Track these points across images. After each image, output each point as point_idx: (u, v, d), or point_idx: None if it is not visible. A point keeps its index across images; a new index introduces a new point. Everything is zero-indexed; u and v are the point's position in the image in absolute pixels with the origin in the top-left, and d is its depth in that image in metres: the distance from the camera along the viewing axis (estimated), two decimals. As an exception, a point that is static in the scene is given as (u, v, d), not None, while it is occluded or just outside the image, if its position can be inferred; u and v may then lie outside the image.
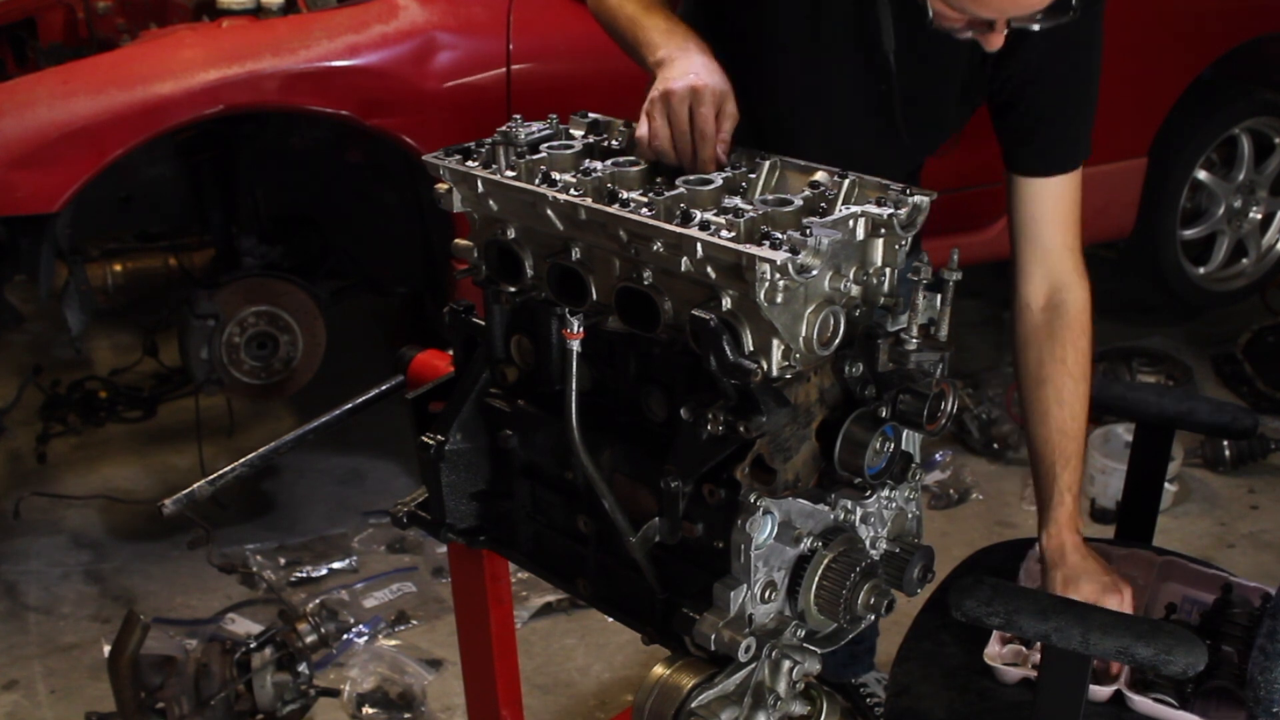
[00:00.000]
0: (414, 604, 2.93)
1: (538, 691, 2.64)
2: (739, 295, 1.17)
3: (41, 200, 2.64)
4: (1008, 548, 2.05)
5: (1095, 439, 3.29)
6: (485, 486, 1.50)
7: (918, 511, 1.36)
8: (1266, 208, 4.14)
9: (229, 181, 3.17)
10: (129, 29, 3.62)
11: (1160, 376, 3.76)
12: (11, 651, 2.78)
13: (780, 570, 1.22)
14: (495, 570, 1.71)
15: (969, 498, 3.32)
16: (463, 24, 2.89)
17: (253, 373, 3.11)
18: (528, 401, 1.41)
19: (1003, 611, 1.46)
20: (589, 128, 1.48)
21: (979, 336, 4.10)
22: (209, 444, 3.32)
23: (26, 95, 2.68)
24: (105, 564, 3.08)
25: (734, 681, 1.24)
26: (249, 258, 3.15)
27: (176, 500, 1.66)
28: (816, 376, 1.23)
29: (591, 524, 1.36)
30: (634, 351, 1.31)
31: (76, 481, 3.42)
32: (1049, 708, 1.50)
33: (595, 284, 1.31)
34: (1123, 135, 3.72)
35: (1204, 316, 4.21)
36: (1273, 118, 4.01)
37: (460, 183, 1.39)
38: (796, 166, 1.36)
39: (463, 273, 1.46)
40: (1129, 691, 1.68)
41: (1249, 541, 3.15)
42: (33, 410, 3.57)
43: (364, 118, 2.83)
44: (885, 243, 1.24)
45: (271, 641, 2.38)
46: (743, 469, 1.17)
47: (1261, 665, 1.41)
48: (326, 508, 3.31)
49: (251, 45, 2.78)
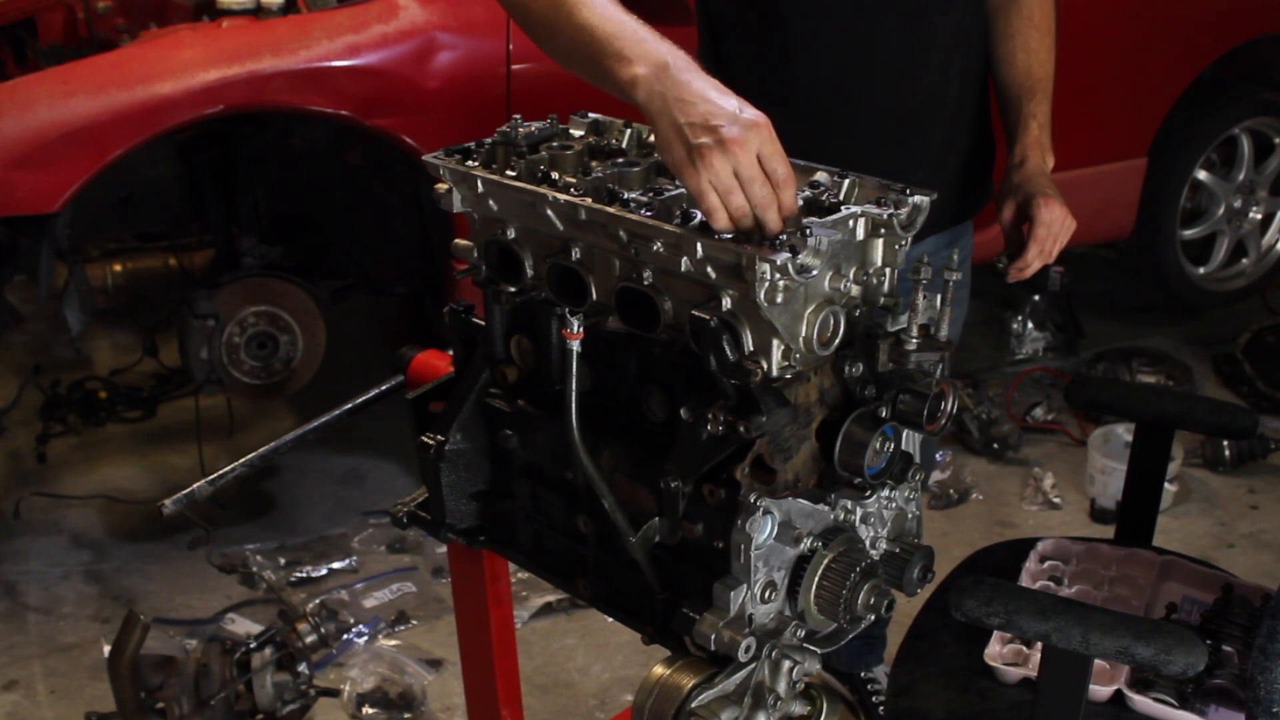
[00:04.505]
0: (414, 604, 2.93)
1: (538, 691, 2.64)
2: (739, 295, 1.17)
3: (41, 200, 2.64)
4: (1008, 548, 2.06)
5: (1095, 439, 3.29)
6: (485, 486, 1.50)
7: (918, 511, 1.36)
8: (1266, 208, 4.14)
9: (229, 181, 3.16)
10: (129, 29, 3.62)
11: (1160, 376, 3.77)
12: (11, 651, 2.78)
13: (780, 570, 1.22)
14: (495, 570, 1.71)
15: (969, 498, 3.32)
16: (463, 24, 2.89)
17: (253, 373, 3.11)
18: (528, 401, 1.41)
19: (1003, 611, 1.46)
20: (589, 128, 1.48)
21: (979, 336, 4.10)
22: (209, 444, 3.32)
23: (26, 95, 2.68)
24: (105, 564, 3.08)
25: (734, 681, 1.24)
26: (249, 258, 3.15)
27: (176, 500, 1.66)
28: (816, 376, 1.23)
29: (591, 524, 1.36)
30: (634, 351, 1.31)
31: (76, 481, 3.42)
32: (1049, 708, 1.50)
33: (595, 284, 1.31)
34: (1123, 135, 3.72)
35: (1204, 316, 4.21)
36: (1273, 118, 4.01)
37: (460, 183, 1.39)
38: (797, 166, 1.36)
39: (463, 273, 1.46)
40: (1129, 691, 1.68)
41: (1249, 541, 3.15)
42: (33, 410, 3.57)
43: (364, 118, 2.83)
44: (885, 243, 1.24)
45: (271, 641, 2.38)
46: (743, 469, 1.18)
47: (1261, 665, 1.41)
48: (326, 508, 3.31)
49: (251, 45, 2.79)
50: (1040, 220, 1.81)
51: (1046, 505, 3.30)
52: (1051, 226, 1.81)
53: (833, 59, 1.84)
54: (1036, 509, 3.29)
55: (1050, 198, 1.82)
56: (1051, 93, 1.93)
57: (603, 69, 1.25)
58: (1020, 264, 1.84)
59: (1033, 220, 1.82)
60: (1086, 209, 1.84)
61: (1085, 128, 3.51)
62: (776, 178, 1.17)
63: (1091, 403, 2.30)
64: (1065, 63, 3.26)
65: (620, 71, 1.22)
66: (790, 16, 1.81)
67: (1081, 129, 3.47)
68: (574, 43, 1.28)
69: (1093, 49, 3.44)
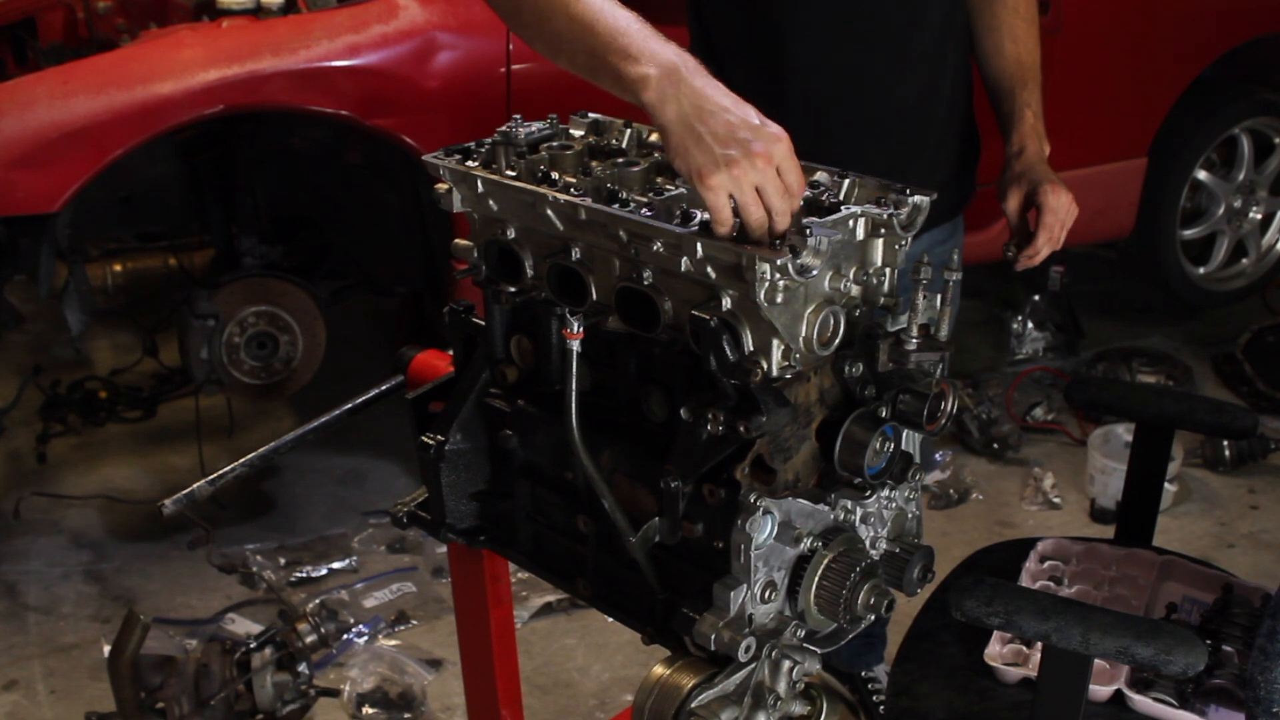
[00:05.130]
0: (414, 604, 2.93)
1: (538, 691, 2.64)
2: (739, 295, 1.17)
3: (41, 200, 2.64)
4: (1008, 548, 2.06)
5: (1095, 439, 3.29)
6: (485, 486, 1.50)
7: (918, 511, 1.36)
8: (1266, 208, 4.14)
9: (229, 181, 3.16)
10: (129, 29, 3.62)
11: (1160, 376, 3.77)
12: (11, 651, 2.78)
13: (780, 570, 1.22)
14: (495, 570, 1.71)
15: (969, 498, 3.32)
16: (463, 24, 2.89)
17: (253, 373, 3.12)
18: (528, 401, 1.41)
19: (1003, 611, 1.46)
20: (589, 128, 1.48)
21: (979, 336, 4.10)
22: (209, 444, 3.32)
23: (26, 95, 2.68)
24: (105, 564, 3.08)
25: (734, 681, 1.24)
26: (249, 258, 3.15)
27: (176, 500, 1.66)
28: (816, 376, 1.23)
29: (591, 524, 1.36)
30: (634, 351, 1.31)
31: (76, 481, 3.42)
32: (1049, 708, 1.50)
33: (595, 284, 1.31)
34: (1123, 135, 3.72)
35: (1204, 316, 4.21)
36: (1273, 118, 4.01)
37: (460, 183, 1.39)
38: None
39: (463, 273, 1.46)
40: (1129, 691, 1.68)
41: (1249, 541, 3.15)
42: (33, 410, 3.58)
43: (364, 118, 2.83)
44: (885, 243, 1.24)
45: (271, 641, 2.38)
46: (743, 469, 1.17)
47: (1261, 665, 1.41)
48: (326, 508, 3.31)
49: (251, 45, 2.79)
50: (1048, 207, 1.82)
51: (1046, 505, 3.30)
52: (1059, 213, 1.82)
53: (826, 59, 1.84)
54: (1036, 509, 3.29)
55: (1055, 184, 1.83)
56: (1041, 81, 1.94)
57: (605, 65, 1.22)
58: (1030, 251, 1.85)
59: (1040, 208, 1.82)
60: (1086, 209, 1.83)
61: (1085, 128, 3.51)
62: (792, 189, 1.17)
63: (1091, 403, 2.30)
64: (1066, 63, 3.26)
65: (627, 69, 1.20)
66: (783, 19, 1.82)
67: (1081, 129, 3.47)
68: (569, 34, 1.25)
69: (1093, 49, 3.44)
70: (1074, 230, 1.85)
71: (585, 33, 1.24)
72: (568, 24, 1.25)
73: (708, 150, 1.16)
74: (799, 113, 1.75)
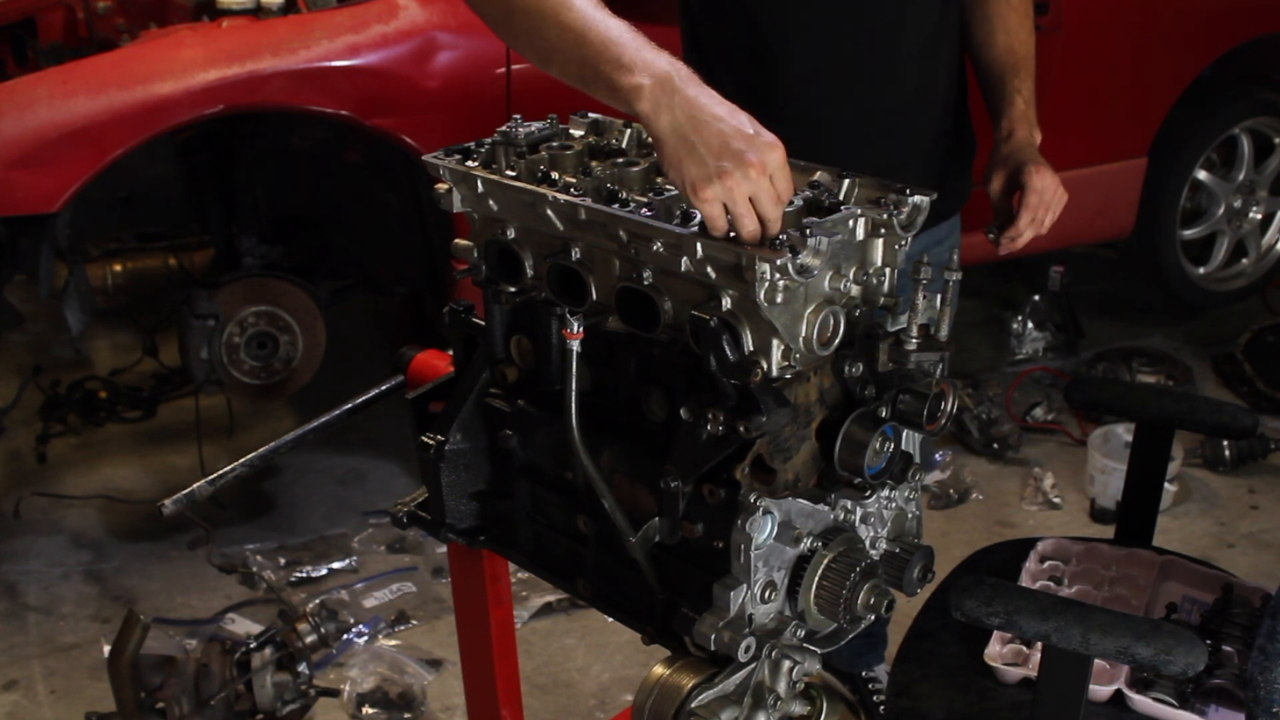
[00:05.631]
0: (414, 604, 2.93)
1: (538, 691, 2.64)
2: (739, 295, 1.17)
3: (41, 200, 2.64)
4: (1008, 548, 2.06)
5: (1095, 439, 3.29)
6: (485, 486, 1.50)
7: (918, 511, 1.36)
8: (1266, 208, 4.14)
9: (229, 181, 3.17)
10: (129, 29, 3.62)
11: (1160, 376, 3.77)
12: (11, 651, 2.78)
13: (780, 570, 1.22)
14: (495, 570, 1.71)
15: (969, 498, 3.32)
16: (463, 24, 2.89)
17: (253, 373, 3.12)
18: (528, 401, 1.41)
19: (1003, 611, 1.46)
20: (589, 128, 1.48)
21: (979, 336, 4.10)
22: (209, 444, 3.32)
23: (26, 95, 2.68)
24: (105, 564, 3.08)
25: (734, 681, 1.24)
26: (249, 258, 3.15)
27: (176, 500, 1.66)
28: (816, 376, 1.23)
29: (591, 524, 1.36)
30: (634, 351, 1.31)
31: (76, 481, 3.42)
32: (1049, 708, 1.50)
33: (595, 284, 1.31)
34: (1123, 135, 3.72)
35: (1204, 316, 4.21)
36: (1273, 118, 4.01)
37: (460, 183, 1.39)
38: (797, 166, 1.36)
39: (463, 273, 1.46)
40: (1129, 691, 1.68)
41: (1249, 541, 3.15)
42: (33, 410, 3.58)
43: (364, 118, 2.83)
44: (885, 243, 1.24)
45: (271, 641, 2.38)
46: (743, 469, 1.17)
47: (1261, 665, 1.41)
48: (326, 508, 3.31)
49: (251, 45, 2.79)
50: (1032, 187, 1.79)
51: (1046, 505, 3.30)
52: (1044, 194, 1.79)
53: (819, 59, 1.83)
54: (1036, 509, 3.29)
55: (1041, 165, 1.80)
56: (1034, 71, 1.93)
57: (598, 75, 1.21)
58: (1012, 233, 1.81)
59: (1024, 188, 1.79)
60: (1086, 209, 1.83)
61: (1085, 127, 3.51)
62: (784, 196, 1.17)
63: (1091, 403, 2.30)
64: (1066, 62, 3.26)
65: (620, 80, 1.19)
66: (774, 19, 1.81)
67: (1081, 129, 3.47)
68: (561, 44, 1.24)
69: (1093, 49, 3.44)
70: (1074, 230, 1.84)
71: (577, 42, 1.22)
72: (559, 33, 1.23)
73: (701, 162, 1.15)
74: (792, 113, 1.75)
